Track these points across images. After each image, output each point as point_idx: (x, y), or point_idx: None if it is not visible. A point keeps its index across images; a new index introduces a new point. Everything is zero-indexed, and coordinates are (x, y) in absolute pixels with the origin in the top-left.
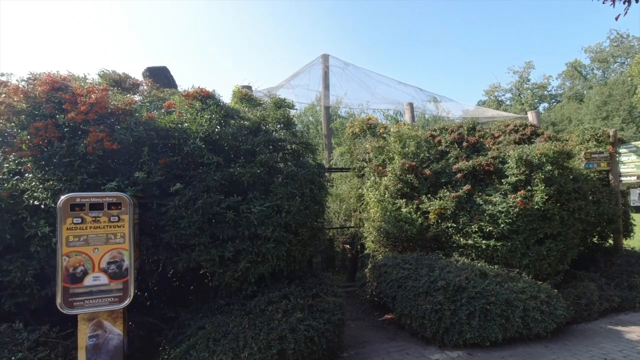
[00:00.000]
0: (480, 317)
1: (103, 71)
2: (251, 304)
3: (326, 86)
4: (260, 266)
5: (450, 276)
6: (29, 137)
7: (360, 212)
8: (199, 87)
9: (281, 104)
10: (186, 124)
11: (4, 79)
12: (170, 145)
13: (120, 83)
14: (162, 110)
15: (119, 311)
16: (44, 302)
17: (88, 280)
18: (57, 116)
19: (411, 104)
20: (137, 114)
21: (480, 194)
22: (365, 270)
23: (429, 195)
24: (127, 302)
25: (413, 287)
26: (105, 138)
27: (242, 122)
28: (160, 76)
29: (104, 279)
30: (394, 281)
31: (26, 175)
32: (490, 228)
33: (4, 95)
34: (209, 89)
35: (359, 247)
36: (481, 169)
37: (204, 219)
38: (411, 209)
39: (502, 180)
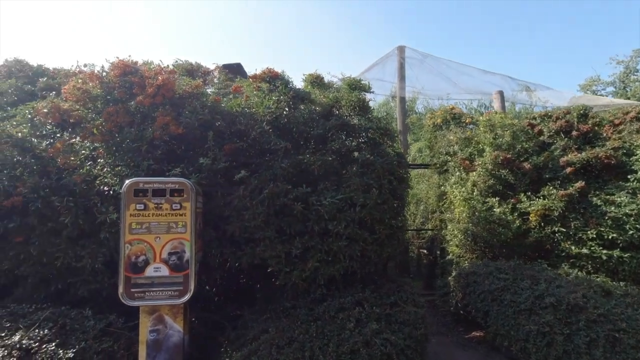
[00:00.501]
0: (605, 346)
1: (177, 61)
2: (320, 309)
3: (402, 78)
4: (330, 266)
5: (561, 292)
6: (102, 122)
7: (441, 213)
8: (267, 68)
9: (356, 86)
10: (253, 109)
11: (86, 69)
12: (236, 131)
13: (192, 72)
14: (230, 96)
15: (180, 306)
16: (114, 290)
17: (149, 271)
18: (129, 103)
19: (501, 92)
20: (203, 98)
21: (597, 192)
22: (449, 278)
23: (529, 193)
24: (186, 297)
25: (512, 302)
26: (171, 122)
27: (312, 106)
28: (234, 73)
29: (164, 270)
30: (486, 293)
31: (99, 160)
32: (614, 235)
33: (81, 81)
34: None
35: (438, 252)
36: (598, 162)
37: (269, 210)
38: (506, 210)
39: (629, 177)
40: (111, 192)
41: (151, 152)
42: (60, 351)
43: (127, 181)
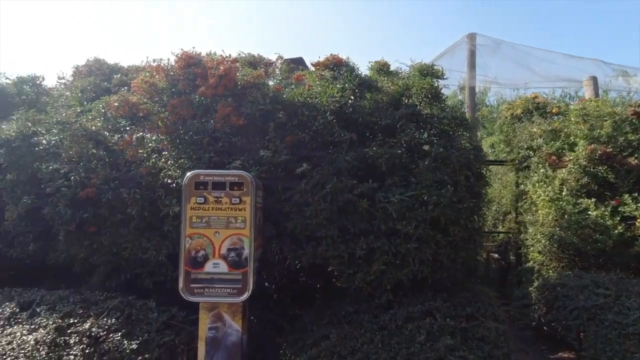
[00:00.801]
0: None
1: (240, 53)
2: (385, 317)
3: (472, 66)
4: (398, 270)
5: None
6: (167, 115)
7: (518, 215)
8: (330, 55)
9: (428, 72)
10: (316, 99)
11: (154, 64)
12: (297, 123)
13: (254, 64)
14: (292, 87)
15: (238, 305)
16: (176, 283)
17: (208, 267)
18: (192, 95)
19: (594, 78)
20: (265, 88)
21: None
22: (530, 288)
23: (635, 194)
24: (245, 296)
25: (616, 323)
26: (232, 113)
27: (379, 96)
28: (296, 66)
29: (223, 266)
30: (580, 310)
31: (163, 153)
32: None
33: (148, 74)
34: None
35: (512, 257)
36: None
37: (332, 207)
38: (604, 213)
39: None
40: (174, 185)
41: (212, 145)
42: (125, 342)
43: (188, 173)
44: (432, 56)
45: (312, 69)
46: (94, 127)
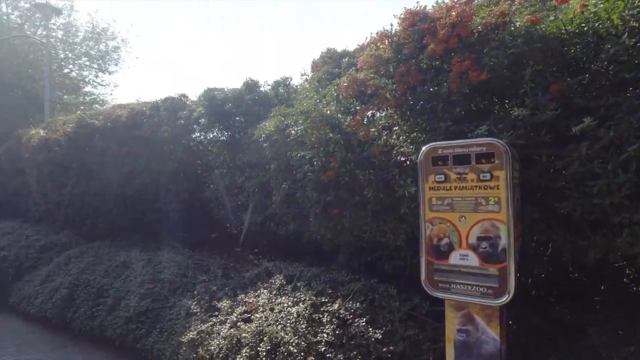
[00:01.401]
0: None
1: None
2: None
3: None
4: None
5: None
6: (394, 86)
7: None
8: None
9: None
10: (597, 23)
11: (377, 36)
12: (565, 64)
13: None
14: (551, 18)
15: (495, 308)
16: (415, 270)
17: (454, 258)
18: (419, 58)
19: None
20: (512, 27)
21: None
22: None
23: None
24: (504, 299)
25: None
26: (471, 68)
27: None
28: None
29: (473, 259)
30: None
31: (394, 129)
32: None
33: (373, 47)
34: None
35: None
36: None
37: (637, 179)
38: None
39: None
40: (408, 162)
41: (448, 111)
42: (370, 329)
43: (423, 148)
44: None
45: None
46: (328, 112)
